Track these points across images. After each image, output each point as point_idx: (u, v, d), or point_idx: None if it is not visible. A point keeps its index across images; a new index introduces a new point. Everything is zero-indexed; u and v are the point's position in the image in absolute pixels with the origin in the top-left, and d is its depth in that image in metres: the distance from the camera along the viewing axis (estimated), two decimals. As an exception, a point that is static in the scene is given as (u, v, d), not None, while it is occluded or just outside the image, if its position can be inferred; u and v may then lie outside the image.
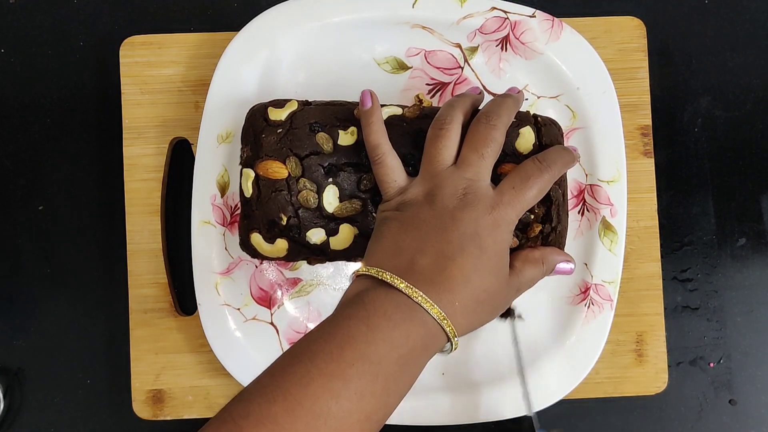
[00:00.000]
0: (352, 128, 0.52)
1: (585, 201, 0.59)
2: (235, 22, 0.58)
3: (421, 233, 0.44)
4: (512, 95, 0.50)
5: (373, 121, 0.49)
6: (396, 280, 0.42)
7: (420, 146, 0.52)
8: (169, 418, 0.59)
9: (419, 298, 0.42)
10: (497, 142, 0.47)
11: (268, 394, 0.39)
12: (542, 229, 0.53)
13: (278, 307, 0.58)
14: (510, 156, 0.52)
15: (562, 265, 0.50)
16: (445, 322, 0.42)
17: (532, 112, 0.55)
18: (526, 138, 0.52)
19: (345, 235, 0.52)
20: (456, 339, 0.43)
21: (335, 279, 0.59)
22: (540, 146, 0.53)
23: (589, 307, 0.58)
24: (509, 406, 0.57)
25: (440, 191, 0.45)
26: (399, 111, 0.53)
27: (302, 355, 0.40)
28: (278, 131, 0.52)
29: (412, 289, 0.42)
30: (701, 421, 0.61)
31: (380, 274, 0.43)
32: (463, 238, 0.44)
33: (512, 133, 0.53)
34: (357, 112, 0.52)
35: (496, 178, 0.52)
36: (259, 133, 0.52)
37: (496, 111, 0.48)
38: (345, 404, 0.38)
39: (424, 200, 0.46)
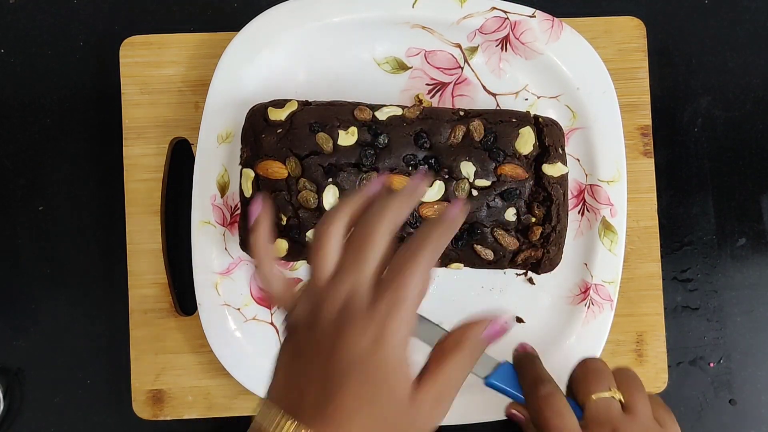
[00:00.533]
0: (352, 128, 0.52)
1: (585, 201, 0.59)
2: (235, 22, 0.58)
3: (306, 361, 0.40)
4: (444, 219, 0.42)
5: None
6: (283, 422, 0.38)
7: (421, 146, 0.52)
8: (169, 418, 0.59)
9: None
10: (377, 246, 0.40)
11: None
12: (542, 231, 0.53)
13: (278, 307, 0.58)
14: (510, 156, 0.53)
15: (493, 329, 0.41)
16: None
17: (532, 113, 0.55)
18: (526, 138, 0.53)
19: (345, 235, 0.52)
20: None
21: (335, 279, 0.59)
22: (541, 147, 0.53)
23: (589, 307, 0.58)
24: (509, 406, 0.57)
25: (320, 312, 0.40)
26: (399, 111, 0.53)
27: None
28: (278, 131, 0.52)
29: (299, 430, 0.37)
30: (701, 421, 0.61)
31: (269, 418, 0.39)
32: (344, 366, 0.39)
33: (512, 133, 0.53)
34: (358, 112, 0.52)
35: (496, 180, 0.52)
36: (259, 133, 0.52)
37: (381, 216, 0.41)
38: None
39: (305, 323, 0.41)
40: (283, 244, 0.52)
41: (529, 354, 0.49)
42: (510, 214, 0.53)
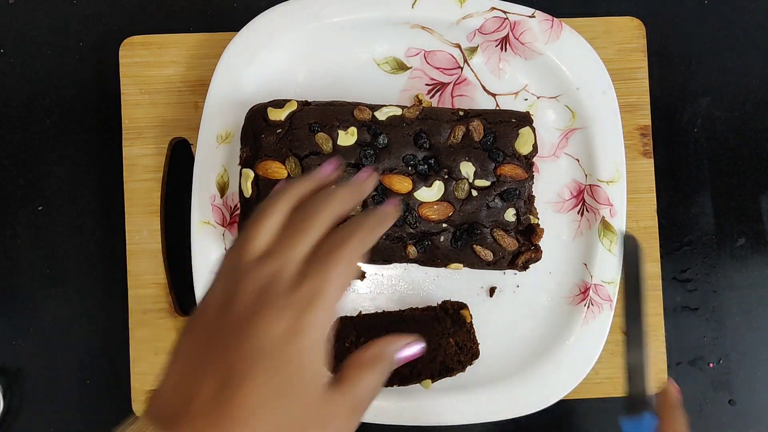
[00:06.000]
0: (352, 128, 0.52)
1: (585, 201, 0.59)
2: (235, 22, 0.58)
3: (210, 350, 0.36)
4: (377, 212, 0.42)
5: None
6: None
7: (420, 147, 0.52)
8: (168, 417, 0.59)
9: None
10: (313, 231, 0.39)
11: None
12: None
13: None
14: (509, 157, 0.53)
15: (407, 351, 0.40)
16: None
17: (532, 113, 0.55)
18: (525, 138, 0.53)
19: (345, 235, 0.52)
20: None
21: (335, 279, 0.59)
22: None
23: (588, 307, 0.58)
24: (509, 407, 0.57)
25: (237, 291, 0.37)
26: (399, 111, 0.53)
27: None
28: (278, 131, 0.52)
29: None
30: (701, 421, 0.61)
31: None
32: (253, 354, 0.35)
33: (511, 134, 0.53)
34: (357, 112, 0.53)
35: (496, 180, 0.52)
36: (258, 133, 0.52)
37: (325, 204, 0.40)
38: None
39: (219, 303, 0.37)
40: (282, 245, 0.52)
41: (676, 406, 0.49)
42: (510, 215, 0.53)
